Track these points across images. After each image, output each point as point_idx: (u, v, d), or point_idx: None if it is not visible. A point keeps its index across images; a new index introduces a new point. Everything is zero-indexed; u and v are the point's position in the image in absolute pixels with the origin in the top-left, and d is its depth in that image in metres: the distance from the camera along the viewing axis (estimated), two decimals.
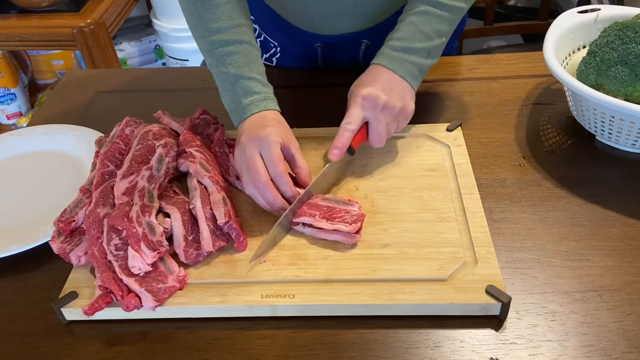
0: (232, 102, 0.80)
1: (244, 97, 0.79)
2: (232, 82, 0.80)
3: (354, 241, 0.71)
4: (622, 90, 0.82)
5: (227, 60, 0.80)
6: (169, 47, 2.34)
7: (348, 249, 0.72)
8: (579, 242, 0.73)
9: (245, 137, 0.76)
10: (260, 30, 1.10)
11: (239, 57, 0.80)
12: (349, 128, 0.78)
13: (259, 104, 0.79)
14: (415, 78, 0.81)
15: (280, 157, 0.75)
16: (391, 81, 0.79)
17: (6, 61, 2.13)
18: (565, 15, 0.94)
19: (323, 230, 0.72)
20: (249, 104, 0.79)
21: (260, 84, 0.80)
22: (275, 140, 0.75)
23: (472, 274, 0.67)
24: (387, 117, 0.79)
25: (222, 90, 0.82)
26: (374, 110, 0.78)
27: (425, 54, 0.81)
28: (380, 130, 0.79)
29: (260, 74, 0.81)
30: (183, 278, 0.69)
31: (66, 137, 0.96)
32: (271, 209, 0.76)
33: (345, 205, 0.75)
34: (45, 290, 0.72)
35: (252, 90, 0.79)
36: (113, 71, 1.48)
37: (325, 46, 1.03)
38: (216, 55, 0.81)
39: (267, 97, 0.80)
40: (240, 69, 0.80)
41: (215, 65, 0.81)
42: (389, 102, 0.78)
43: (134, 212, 0.71)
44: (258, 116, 0.78)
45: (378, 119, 0.78)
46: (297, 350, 0.64)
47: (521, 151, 0.87)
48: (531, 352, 0.62)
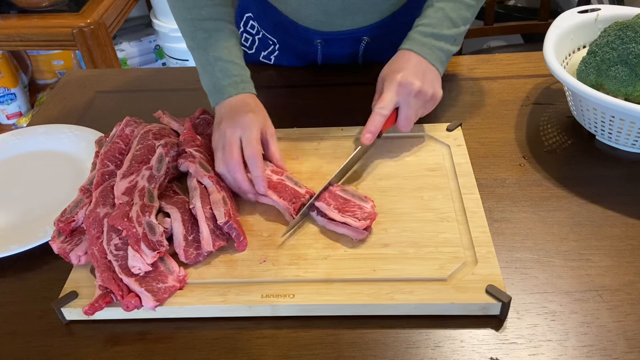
0: (211, 83, 0.83)
1: (222, 79, 0.82)
2: (212, 64, 0.83)
3: (362, 237, 0.72)
4: (622, 90, 0.82)
5: (207, 43, 0.83)
6: (169, 47, 2.34)
7: (350, 247, 0.72)
8: (579, 242, 0.73)
9: (227, 122, 0.79)
10: (259, 28, 1.10)
11: (219, 40, 0.83)
12: (382, 113, 0.79)
13: (236, 85, 0.82)
14: (443, 64, 0.83)
15: (257, 141, 0.77)
16: (423, 67, 0.80)
17: (6, 61, 2.13)
18: (565, 15, 0.94)
19: (333, 222, 0.73)
20: (226, 86, 0.81)
21: (239, 66, 0.83)
22: (257, 126, 0.78)
23: (472, 273, 0.67)
24: (417, 103, 0.80)
25: (201, 72, 0.85)
26: (408, 96, 0.79)
27: (452, 40, 0.83)
28: (409, 115, 0.80)
29: (239, 57, 0.84)
30: (183, 278, 0.69)
31: (66, 137, 0.96)
32: (238, 191, 0.78)
33: (360, 201, 0.75)
34: (45, 290, 0.72)
35: (230, 72, 0.82)
36: (113, 71, 1.48)
37: (325, 43, 1.03)
38: (197, 38, 0.84)
39: (244, 79, 0.83)
40: (220, 51, 0.83)
41: (196, 47, 0.85)
42: (422, 88, 0.79)
43: (134, 212, 0.71)
44: (238, 99, 0.81)
45: (409, 104, 0.80)
46: (297, 350, 0.64)
47: (521, 151, 0.87)
48: (531, 352, 0.62)
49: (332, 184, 0.79)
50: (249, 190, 0.77)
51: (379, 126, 0.79)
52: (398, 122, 0.82)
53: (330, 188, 0.77)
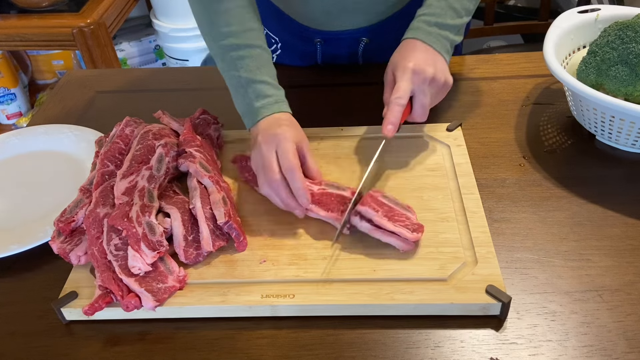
0: (244, 105, 0.81)
1: (256, 101, 0.79)
2: (244, 86, 0.80)
3: (409, 249, 0.70)
4: (622, 90, 0.82)
5: (239, 64, 0.81)
6: (169, 47, 2.34)
7: (350, 247, 0.72)
8: (579, 242, 0.73)
9: (261, 136, 0.77)
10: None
11: (251, 61, 0.81)
12: (400, 102, 0.77)
13: (270, 107, 0.79)
14: (448, 53, 0.83)
15: (294, 153, 0.75)
16: (432, 55, 0.80)
17: (6, 61, 2.13)
18: (565, 15, 0.94)
19: (380, 230, 0.70)
20: (260, 107, 0.79)
21: (272, 87, 0.81)
22: (291, 138, 0.75)
23: (472, 273, 0.67)
24: (432, 90, 0.79)
25: (234, 94, 0.83)
26: (422, 84, 0.78)
27: (456, 30, 0.83)
28: (425, 103, 0.79)
29: (272, 77, 0.82)
30: (183, 278, 0.69)
31: (66, 137, 0.96)
32: (287, 208, 0.76)
33: (405, 211, 0.73)
34: (45, 290, 0.72)
35: (263, 93, 0.80)
36: (113, 71, 1.48)
37: (324, 42, 1.03)
38: (228, 59, 0.82)
39: (278, 100, 0.81)
40: (252, 72, 0.80)
41: (227, 69, 0.82)
42: (436, 75, 0.78)
43: (134, 212, 0.71)
44: (271, 118, 0.79)
45: (424, 92, 0.79)
46: (297, 350, 0.64)
47: (521, 151, 0.87)
48: (531, 352, 0.62)
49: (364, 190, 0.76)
50: (296, 206, 0.74)
51: (399, 116, 0.77)
52: (414, 112, 0.80)
53: (372, 193, 0.75)
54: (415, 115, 0.81)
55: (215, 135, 0.89)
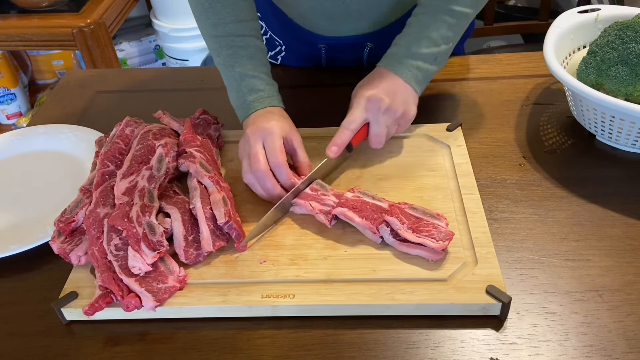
0: (238, 98, 0.83)
1: (249, 95, 0.81)
2: (238, 80, 0.82)
3: (439, 258, 0.69)
4: (622, 90, 0.82)
5: (234, 59, 0.83)
6: (169, 47, 2.34)
7: (350, 247, 0.72)
8: (579, 242, 0.73)
9: (250, 129, 0.79)
10: (266, 28, 1.10)
11: (245, 56, 0.83)
12: (349, 127, 0.79)
13: (263, 100, 0.81)
14: (420, 83, 0.82)
15: (281, 149, 0.77)
16: (395, 85, 0.80)
17: (6, 61, 2.13)
18: (565, 15, 0.94)
19: (405, 244, 0.69)
20: (253, 101, 0.81)
21: (265, 82, 0.83)
22: (278, 133, 0.77)
23: (472, 274, 0.67)
24: (388, 120, 0.80)
25: (229, 88, 0.85)
26: (376, 113, 0.79)
27: (432, 59, 0.81)
28: (379, 132, 0.80)
29: (266, 72, 0.84)
30: (183, 278, 0.69)
31: (66, 137, 0.96)
32: (269, 198, 0.77)
33: (433, 219, 0.72)
34: (45, 290, 0.72)
35: (256, 87, 0.82)
36: (113, 71, 1.48)
37: (329, 47, 1.03)
38: (223, 54, 0.84)
39: (271, 94, 0.83)
40: (246, 67, 0.82)
41: (222, 64, 0.84)
42: (392, 106, 0.78)
43: (134, 212, 0.71)
44: (263, 111, 0.80)
45: (379, 121, 0.79)
46: (297, 350, 0.64)
47: (521, 151, 0.87)
48: (531, 352, 0.62)
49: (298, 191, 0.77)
50: (280, 195, 0.76)
51: (345, 140, 0.79)
52: (369, 139, 0.81)
53: (399, 205, 0.74)
54: (370, 142, 0.82)
55: (215, 135, 0.89)
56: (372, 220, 0.72)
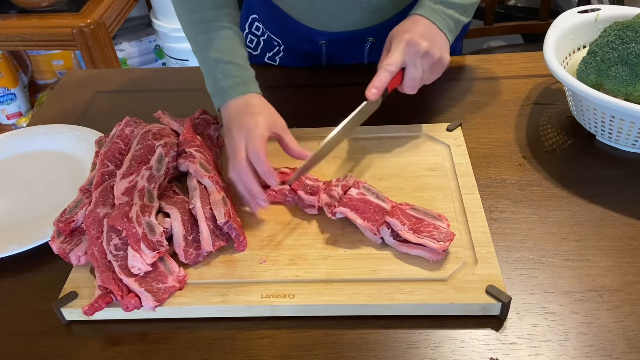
0: (213, 85, 0.83)
1: (223, 81, 0.81)
2: (212, 66, 0.83)
3: (439, 258, 0.69)
4: (622, 90, 0.82)
5: (209, 45, 0.83)
6: (169, 47, 2.34)
7: (350, 247, 0.72)
8: (579, 242, 0.73)
9: (232, 123, 0.78)
10: (264, 29, 1.10)
11: (220, 42, 0.83)
12: (389, 69, 0.78)
13: (237, 87, 0.81)
14: (452, 32, 0.83)
15: (261, 139, 0.75)
16: (432, 31, 0.80)
17: (6, 61, 2.13)
18: (565, 15, 0.94)
19: (406, 245, 0.70)
20: (227, 88, 0.81)
21: (239, 67, 0.83)
22: (262, 125, 0.76)
23: (472, 274, 0.67)
24: (425, 65, 0.80)
25: (205, 74, 0.85)
26: (415, 56, 0.79)
27: (462, 10, 0.83)
28: (416, 76, 0.80)
29: (242, 58, 0.84)
30: (183, 278, 0.69)
31: (66, 137, 0.96)
32: (248, 194, 0.76)
33: (434, 220, 0.72)
34: (45, 290, 0.72)
35: (231, 73, 0.82)
36: (113, 71, 1.48)
37: (329, 43, 1.03)
38: (199, 40, 0.84)
39: (246, 80, 0.82)
40: (221, 52, 0.82)
41: (199, 50, 0.85)
42: (430, 50, 0.79)
43: (133, 212, 0.71)
44: (241, 102, 0.80)
45: (416, 65, 0.79)
46: (297, 350, 0.64)
47: (521, 151, 0.87)
48: (531, 352, 0.62)
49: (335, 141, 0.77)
50: (257, 194, 0.75)
51: (385, 82, 0.78)
52: (404, 83, 0.81)
53: (401, 206, 0.74)
54: (405, 87, 0.81)
55: (215, 135, 0.89)
56: (374, 222, 0.72)
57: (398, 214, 0.71)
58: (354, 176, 0.79)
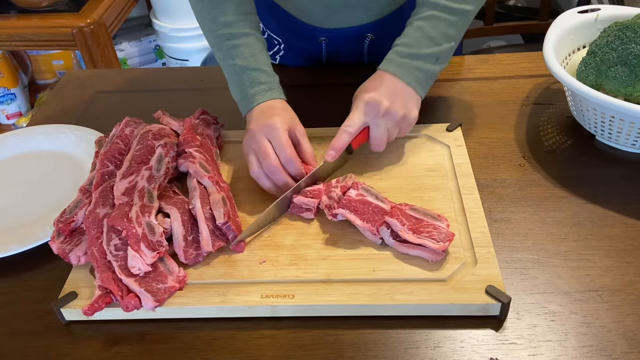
0: (239, 92, 0.84)
1: (250, 88, 0.82)
2: (239, 74, 0.83)
3: (439, 259, 0.69)
4: (622, 90, 0.82)
5: (234, 53, 0.83)
6: (169, 47, 2.34)
7: (350, 248, 0.72)
8: (579, 242, 0.73)
9: (254, 125, 0.79)
10: (263, 28, 1.10)
11: (245, 49, 0.83)
12: (348, 131, 0.79)
13: (264, 93, 0.82)
14: (422, 85, 0.81)
15: (289, 143, 0.78)
16: (396, 88, 0.79)
17: (6, 61, 2.13)
18: (565, 15, 0.94)
19: (405, 245, 0.70)
20: (254, 94, 0.82)
21: (266, 74, 0.83)
22: (283, 128, 0.78)
23: (472, 274, 0.67)
24: (388, 124, 0.79)
25: (230, 82, 0.85)
26: (375, 116, 0.79)
27: (433, 59, 0.81)
28: (379, 136, 0.80)
29: (266, 64, 0.84)
30: (183, 278, 0.69)
31: (66, 137, 0.96)
32: (277, 192, 0.78)
33: (434, 220, 0.71)
34: (45, 290, 0.72)
35: (257, 80, 0.82)
36: (113, 71, 1.48)
37: (329, 40, 1.03)
38: (223, 48, 0.84)
39: (272, 87, 0.83)
40: (247, 60, 0.83)
41: (223, 58, 0.85)
42: (391, 109, 0.78)
43: (133, 212, 0.71)
44: (265, 105, 0.81)
45: (378, 125, 0.79)
46: (297, 350, 0.64)
47: (521, 151, 0.87)
48: (531, 352, 0.62)
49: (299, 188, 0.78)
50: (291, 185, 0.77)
51: (343, 144, 0.79)
52: (370, 142, 0.81)
53: (400, 206, 0.74)
54: (371, 146, 0.82)
55: (215, 135, 0.89)
56: (373, 222, 0.72)
57: (398, 214, 0.71)
58: (353, 177, 0.79)
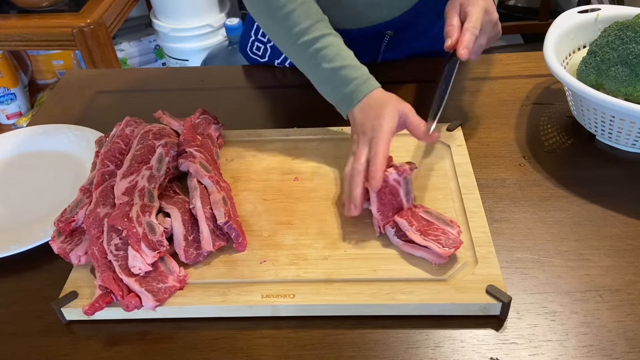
0: (335, 95, 0.83)
1: (344, 87, 0.81)
2: (329, 77, 0.82)
3: (442, 262, 0.68)
4: (622, 90, 0.82)
5: (317, 58, 0.82)
6: (169, 47, 2.34)
7: (350, 247, 0.72)
8: (579, 242, 0.73)
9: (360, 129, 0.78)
10: None
11: (327, 51, 0.82)
12: (474, 32, 0.78)
13: (360, 88, 0.80)
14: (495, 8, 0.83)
15: (386, 142, 0.75)
16: (492, 1, 0.81)
17: (6, 61, 2.13)
18: (565, 15, 0.94)
19: (410, 245, 0.70)
20: (352, 92, 0.81)
21: (354, 68, 0.82)
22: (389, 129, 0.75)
23: (472, 273, 0.67)
24: (491, 34, 0.81)
25: (323, 89, 0.84)
26: (488, 24, 0.80)
27: None
28: (484, 44, 0.81)
29: (351, 59, 0.83)
30: (183, 278, 0.69)
31: (66, 137, 0.96)
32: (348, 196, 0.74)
33: (445, 225, 0.71)
34: (45, 290, 0.72)
35: (349, 77, 0.81)
36: (113, 71, 1.48)
37: (348, 41, 1.03)
38: (306, 57, 0.83)
39: (365, 79, 0.81)
40: (332, 61, 0.82)
41: (308, 66, 0.84)
42: (497, 20, 0.80)
43: (134, 212, 0.71)
44: (365, 104, 0.79)
45: (487, 32, 0.81)
46: (297, 350, 0.64)
47: (521, 151, 0.87)
48: (531, 352, 0.62)
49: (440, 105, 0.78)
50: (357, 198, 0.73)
51: (472, 43, 0.78)
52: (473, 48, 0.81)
53: (414, 208, 0.74)
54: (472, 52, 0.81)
55: (215, 135, 0.89)
56: (384, 217, 0.72)
57: (408, 215, 0.71)
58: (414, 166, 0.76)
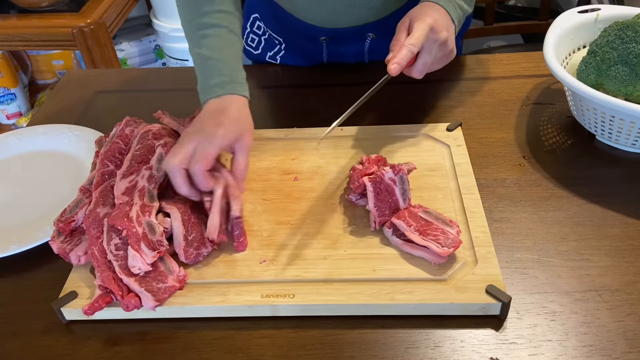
0: (201, 82, 0.81)
1: (211, 78, 0.79)
2: (203, 63, 0.81)
3: (441, 262, 0.68)
4: (622, 90, 0.82)
5: (203, 42, 0.81)
6: (169, 47, 2.34)
7: (350, 247, 0.72)
8: (579, 242, 0.73)
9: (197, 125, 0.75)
10: (265, 28, 1.10)
11: (214, 40, 0.81)
12: (411, 49, 0.77)
13: (224, 86, 0.78)
14: (459, 23, 0.84)
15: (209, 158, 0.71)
16: (447, 22, 0.80)
17: (6, 61, 2.13)
18: (565, 15, 0.94)
19: (410, 244, 0.70)
20: (213, 85, 0.79)
21: (229, 67, 0.80)
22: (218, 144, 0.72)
23: (472, 273, 0.67)
24: (438, 53, 0.80)
25: (197, 72, 0.83)
26: (433, 44, 0.79)
27: (469, 0, 0.84)
28: (427, 63, 0.80)
29: (233, 58, 0.81)
30: (183, 278, 0.69)
31: (66, 137, 0.96)
32: None
33: (444, 225, 0.71)
34: (45, 290, 0.72)
35: (219, 72, 0.79)
36: (113, 71, 1.48)
37: (330, 40, 1.03)
38: (194, 37, 0.83)
39: (234, 80, 0.79)
40: (213, 51, 0.81)
41: (192, 47, 0.83)
42: (447, 41, 0.79)
43: (134, 211, 0.71)
44: (220, 104, 0.77)
45: (431, 52, 0.79)
46: (297, 350, 0.64)
47: (521, 151, 0.87)
48: (531, 352, 0.62)
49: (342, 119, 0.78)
50: (187, 194, 0.73)
51: (406, 60, 0.77)
52: (414, 66, 0.80)
53: (412, 208, 0.74)
54: (414, 70, 0.81)
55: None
56: (380, 214, 0.72)
57: (405, 216, 0.71)
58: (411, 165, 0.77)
